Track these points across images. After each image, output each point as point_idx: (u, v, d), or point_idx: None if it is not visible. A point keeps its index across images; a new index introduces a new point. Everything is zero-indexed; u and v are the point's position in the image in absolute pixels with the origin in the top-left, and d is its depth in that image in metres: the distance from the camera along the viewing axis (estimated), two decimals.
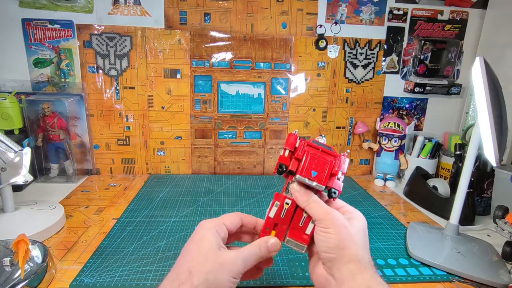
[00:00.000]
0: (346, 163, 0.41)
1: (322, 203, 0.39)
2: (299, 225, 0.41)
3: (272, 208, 0.41)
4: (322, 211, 0.38)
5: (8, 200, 0.67)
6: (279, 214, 0.41)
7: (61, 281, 0.54)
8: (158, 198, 0.86)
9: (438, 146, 1.00)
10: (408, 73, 1.07)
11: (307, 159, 0.39)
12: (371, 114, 1.09)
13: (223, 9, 0.96)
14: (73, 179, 0.96)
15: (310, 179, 0.39)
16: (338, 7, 1.00)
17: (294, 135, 0.41)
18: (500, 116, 0.57)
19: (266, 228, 0.41)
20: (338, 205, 0.42)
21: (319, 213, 0.38)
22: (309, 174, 0.39)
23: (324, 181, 0.39)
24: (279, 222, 0.41)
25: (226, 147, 1.06)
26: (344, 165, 0.41)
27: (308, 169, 0.39)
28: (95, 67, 0.96)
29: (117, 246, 0.64)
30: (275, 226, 0.41)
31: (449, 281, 0.59)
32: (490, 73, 0.58)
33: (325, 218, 0.37)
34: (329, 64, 1.04)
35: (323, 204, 0.39)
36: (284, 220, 0.41)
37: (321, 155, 0.39)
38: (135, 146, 1.02)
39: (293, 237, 0.41)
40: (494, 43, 1.00)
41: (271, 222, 0.41)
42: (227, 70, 1.00)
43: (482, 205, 0.87)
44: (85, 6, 0.92)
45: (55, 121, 0.91)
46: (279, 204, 0.41)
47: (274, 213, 0.41)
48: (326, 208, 0.39)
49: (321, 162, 0.39)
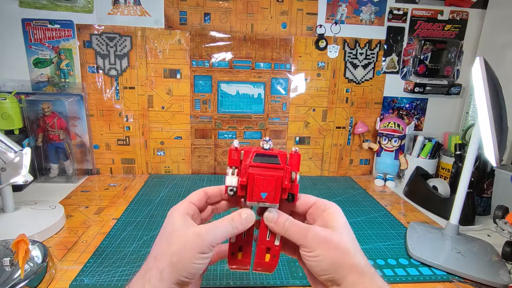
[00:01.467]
0: (298, 160, 0.38)
1: (298, 224, 0.36)
2: (266, 240, 0.38)
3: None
4: (301, 236, 0.35)
5: (8, 200, 0.67)
6: (240, 237, 0.38)
7: (61, 281, 0.54)
8: (158, 198, 0.86)
9: (438, 146, 1.00)
10: (408, 73, 1.07)
11: (253, 183, 0.36)
12: (371, 114, 1.09)
13: (223, 9, 0.96)
14: (73, 179, 0.96)
15: (261, 202, 0.36)
16: (338, 7, 1.00)
17: (235, 150, 0.38)
18: (500, 116, 0.57)
19: (232, 253, 0.38)
20: (310, 202, 0.39)
21: (299, 239, 0.35)
22: (259, 197, 0.36)
23: (276, 199, 0.36)
24: (243, 244, 0.38)
25: (226, 147, 1.06)
26: (296, 163, 0.37)
27: (257, 191, 0.36)
28: (95, 67, 0.96)
29: (117, 246, 0.64)
30: (240, 248, 0.38)
31: (449, 281, 0.59)
32: (490, 73, 0.58)
33: (306, 242, 0.35)
34: (329, 64, 1.04)
35: (300, 225, 0.36)
36: (247, 239, 0.38)
37: (267, 174, 0.36)
38: (135, 146, 1.02)
39: (259, 265, 0.38)
40: (494, 43, 1.00)
41: (235, 246, 0.38)
42: (227, 70, 1.00)
43: (482, 205, 0.87)
44: (85, 6, 0.92)
45: (55, 121, 0.91)
46: None
47: (235, 237, 0.38)
48: (305, 230, 0.35)
49: (268, 181, 0.36)
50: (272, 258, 0.38)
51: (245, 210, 0.37)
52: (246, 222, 0.36)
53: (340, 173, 1.13)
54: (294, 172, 0.37)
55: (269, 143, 0.38)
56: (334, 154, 1.11)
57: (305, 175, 1.10)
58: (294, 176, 0.37)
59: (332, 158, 1.11)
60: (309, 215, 0.39)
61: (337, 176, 1.12)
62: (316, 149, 1.10)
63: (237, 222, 0.36)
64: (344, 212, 0.38)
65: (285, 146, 1.08)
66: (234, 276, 0.56)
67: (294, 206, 0.40)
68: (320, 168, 1.12)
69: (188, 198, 0.39)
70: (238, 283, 0.55)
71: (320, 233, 0.35)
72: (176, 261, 0.33)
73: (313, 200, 0.40)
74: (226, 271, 0.57)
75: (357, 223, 0.77)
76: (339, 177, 1.10)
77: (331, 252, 0.34)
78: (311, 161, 1.11)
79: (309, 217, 0.39)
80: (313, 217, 0.38)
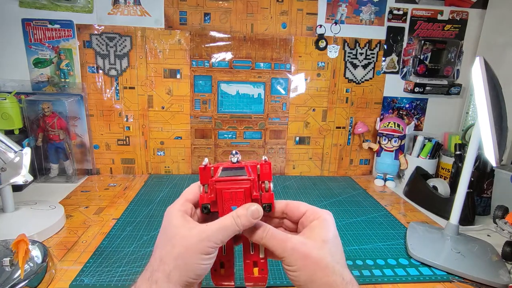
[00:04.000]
0: (269, 169, 0.37)
1: (279, 235, 0.35)
2: (249, 254, 0.37)
3: None
4: (280, 247, 0.34)
5: (8, 200, 0.67)
6: (221, 253, 0.37)
7: (61, 281, 0.54)
8: (158, 198, 0.86)
9: (438, 146, 1.00)
10: (408, 73, 1.07)
11: (221, 198, 0.36)
12: (371, 114, 1.09)
13: (223, 9, 0.96)
14: (73, 179, 0.96)
15: None
16: (338, 7, 1.00)
17: (203, 168, 0.37)
18: (500, 116, 0.57)
19: (214, 269, 0.38)
20: (302, 211, 0.38)
21: (278, 250, 0.34)
22: (230, 211, 0.35)
23: None
24: (224, 260, 0.38)
25: (226, 147, 1.06)
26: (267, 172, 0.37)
27: (227, 206, 0.36)
28: (95, 67, 0.96)
29: (117, 246, 0.64)
30: (223, 265, 0.38)
31: (449, 281, 0.59)
32: (490, 73, 0.58)
33: (285, 255, 0.34)
34: (329, 64, 1.04)
35: (280, 236, 0.35)
36: (228, 254, 0.38)
37: (233, 187, 0.35)
38: (135, 146, 1.02)
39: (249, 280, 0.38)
40: (494, 43, 1.00)
41: (216, 263, 0.37)
42: (227, 70, 1.00)
43: (482, 205, 0.87)
44: (85, 6, 0.92)
45: (55, 121, 0.92)
46: None
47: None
48: (284, 241, 0.34)
49: (236, 194, 0.35)
50: (261, 271, 0.37)
51: (251, 204, 0.35)
52: (252, 216, 0.34)
53: (340, 173, 1.13)
54: (266, 181, 0.37)
55: (237, 156, 0.38)
56: (334, 154, 1.11)
57: (305, 175, 1.10)
58: (267, 185, 0.37)
59: (332, 158, 1.11)
60: (301, 224, 0.38)
61: (337, 176, 1.12)
62: (316, 149, 1.10)
63: (243, 219, 0.34)
64: (344, 212, 0.38)
65: (285, 146, 1.08)
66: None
67: (286, 215, 0.39)
68: (320, 168, 1.12)
69: (184, 196, 0.38)
70: (238, 283, 0.55)
71: (299, 247, 0.34)
72: (182, 264, 0.33)
73: (305, 208, 0.38)
74: None
75: (357, 223, 0.77)
76: (339, 177, 1.10)
77: (308, 267, 0.33)
78: (311, 161, 1.11)
79: (300, 226, 0.38)
80: (304, 226, 0.37)
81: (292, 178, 1.07)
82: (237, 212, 0.34)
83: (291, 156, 1.09)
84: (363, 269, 0.60)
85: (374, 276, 0.59)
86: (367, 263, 0.62)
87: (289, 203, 0.39)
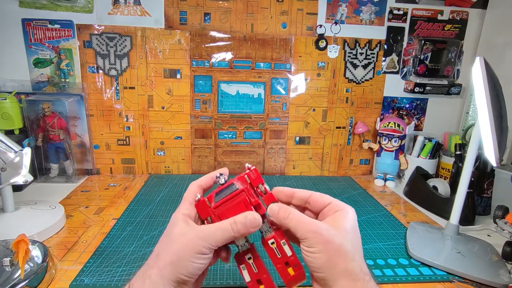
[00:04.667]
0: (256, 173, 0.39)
1: (303, 217, 0.36)
2: (278, 258, 0.37)
3: (243, 273, 0.38)
4: (303, 229, 0.35)
5: (8, 200, 0.67)
6: (252, 272, 0.38)
7: (61, 281, 0.54)
8: (158, 198, 0.86)
9: (438, 146, 1.00)
10: (408, 73, 1.07)
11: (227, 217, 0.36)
12: (371, 114, 1.09)
13: (223, 9, 0.96)
14: (73, 179, 0.96)
15: None
16: (338, 7, 1.00)
17: (198, 202, 0.38)
18: (500, 116, 0.57)
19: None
20: (326, 202, 0.39)
21: (301, 231, 0.35)
22: None
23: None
24: (258, 276, 0.38)
25: (226, 147, 1.06)
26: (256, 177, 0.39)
27: None
28: (95, 67, 0.96)
29: (117, 246, 0.64)
30: (260, 282, 0.38)
31: (449, 281, 0.59)
32: (490, 73, 0.58)
33: (308, 236, 0.34)
34: (329, 64, 1.04)
35: (304, 218, 0.36)
36: (260, 270, 0.38)
37: (232, 204, 0.37)
38: (135, 146, 1.02)
39: (289, 282, 0.38)
40: (494, 43, 1.00)
41: (254, 283, 0.38)
42: (227, 70, 1.00)
43: (482, 205, 0.87)
44: (85, 6, 0.92)
45: (55, 121, 0.92)
46: (245, 265, 0.38)
47: (248, 275, 0.38)
48: (308, 224, 0.35)
49: (237, 208, 0.37)
50: (295, 267, 0.37)
51: (250, 212, 0.36)
52: (250, 225, 0.35)
53: (340, 173, 1.13)
54: (260, 184, 0.38)
55: (223, 177, 0.39)
56: (334, 154, 1.11)
57: (305, 175, 1.10)
58: (262, 188, 0.38)
59: (332, 158, 1.11)
60: (322, 215, 0.39)
61: (337, 176, 1.12)
62: (316, 149, 1.10)
63: (239, 226, 0.35)
64: None
65: (285, 146, 1.08)
66: (234, 276, 0.56)
67: (309, 204, 0.40)
68: (320, 168, 1.12)
69: (186, 200, 0.39)
70: (238, 283, 0.55)
71: (322, 231, 0.35)
72: (176, 260, 0.34)
73: (329, 200, 0.39)
74: (226, 271, 0.57)
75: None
76: (339, 177, 1.10)
77: (329, 252, 0.34)
78: (311, 161, 1.11)
79: (321, 217, 0.39)
80: (325, 217, 0.38)
81: (292, 178, 1.07)
82: (235, 218, 0.36)
83: (291, 156, 1.09)
84: None
85: (374, 276, 0.59)
86: (367, 263, 0.61)
87: (313, 194, 0.40)
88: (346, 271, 0.33)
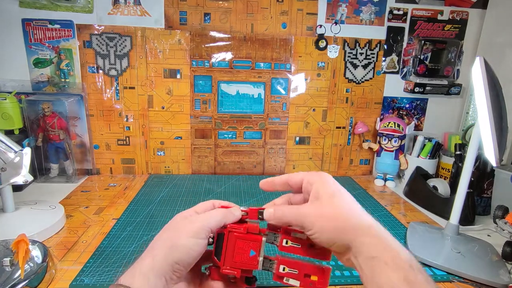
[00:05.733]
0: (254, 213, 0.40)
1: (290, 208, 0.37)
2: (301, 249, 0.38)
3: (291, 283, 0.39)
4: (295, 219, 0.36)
5: (8, 200, 0.67)
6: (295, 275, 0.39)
7: (61, 281, 0.54)
8: (158, 198, 0.86)
9: (438, 146, 1.00)
10: (408, 73, 1.07)
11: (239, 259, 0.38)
12: (371, 114, 1.09)
13: (223, 9, 0.96)
14: (73, 179, 0.96)
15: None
16: (338, 7, 1.00)
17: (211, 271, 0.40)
18: (500, 116, 0.57)
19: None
20: (300, 180, 0.39)
21: (295, 221, 0.36)
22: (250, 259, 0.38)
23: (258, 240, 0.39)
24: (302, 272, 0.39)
25: (226, 147, 1.06)
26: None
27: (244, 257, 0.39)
28: (95, 67, 0.96)
29: (117, 246, 0.64)
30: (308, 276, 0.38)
31: (449, 281, 0.59)
32: (490, 73, 0.58)
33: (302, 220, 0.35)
34: (329, 64, 1.04)
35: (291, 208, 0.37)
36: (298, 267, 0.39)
37: (232, 249, 0.38)
38: (135, 146, 1.02)
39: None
40: (494, 43, 1.00)
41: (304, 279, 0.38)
42: (227, 70, 1.00)
43: (482, 205, 0.87)
44: (85, 6, 0.92)
45: (55, 121, 0.92)
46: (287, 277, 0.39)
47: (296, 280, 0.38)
48: (297, 211, 0.36)
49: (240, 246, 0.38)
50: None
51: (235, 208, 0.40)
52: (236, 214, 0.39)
53: (340, 173, 1.13)
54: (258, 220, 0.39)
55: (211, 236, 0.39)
56: (334, 154, 1.11)
57: None
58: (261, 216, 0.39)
59: (332, 158, 1.11)
60: (306, 193, 0.39)
61: (337, 176, 1.12)
62: (316, 149, 1.10)
63: (227, 213, 0.39)
64: None
65: (285, 146, 1.08)
66: None
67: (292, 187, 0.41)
68: (320, 168, 1.12)
69: (194, 208, 0.40)
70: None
71: (309, 210, 0.35)
72: (169, 245, 0.35)
73: (301, 176, 0.39)
74: None
75: None
76: (339, 177, 1.10)
77: (325, 225, 0.34)
78: (311, 161, 1.11)
79: (304, 194, 0.39)
80: (308, 192, 0.38)
81: None
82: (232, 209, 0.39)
83: (291, 156, 1.09)
84: None
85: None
86: None
87: (289, 176, 0.41)
88: (346, 230, 0.33)
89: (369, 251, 0.32)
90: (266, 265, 0.39)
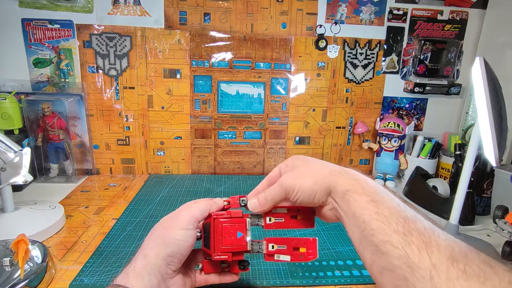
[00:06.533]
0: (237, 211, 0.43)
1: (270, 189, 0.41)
2: (283, 222, 0.42)
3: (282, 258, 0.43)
4: (278, 192, 0.40)
5: (8, 200, 0.67)
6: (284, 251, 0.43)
7: (61, 281, 0.54)
8: (158, 198, 0.86)
9: (438, 146, 1.00)
10: (408, 73, 1.07)
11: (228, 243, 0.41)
12: (371, 114, 1.09)
13: (223, 9, 0.96)
14: (73, 179, 0.96)
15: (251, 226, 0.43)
16: (338, 7, 1.00)
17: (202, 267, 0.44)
18: (500, 116, 0.57)
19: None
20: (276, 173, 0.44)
21: (279, 194, 0.40)
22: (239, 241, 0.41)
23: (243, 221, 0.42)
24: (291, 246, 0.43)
25: (226, 147, 1.06)
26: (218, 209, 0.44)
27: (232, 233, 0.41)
28: (95, 67, 0.96)
29: (117, 246, 0.64)
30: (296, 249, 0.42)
31: None
32: (490, 73, 0.58)
33: (283, 188, 0.39)
34: (329, 64, 1.04)
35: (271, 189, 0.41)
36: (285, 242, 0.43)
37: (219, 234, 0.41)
38: (135, 146, 1.02)
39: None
40: (494, 43, 1.00)
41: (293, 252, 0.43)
42: (227, 70, 1.00)
43: (482, 205, 0.87)
44: (85, 6, 0.92)
45: (55, 121, 0.91)
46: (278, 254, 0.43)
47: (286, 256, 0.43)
48: (276, 185, 0.40)
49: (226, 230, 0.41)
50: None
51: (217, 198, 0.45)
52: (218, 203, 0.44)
53: None
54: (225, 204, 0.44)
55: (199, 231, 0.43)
56: (334, 154, 1.11)
57: None
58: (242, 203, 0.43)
59: (332, 158, 1.11)
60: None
61: None
62: (316, 149, 1.10)
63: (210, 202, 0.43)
64: None
65: (285, 146, 1.08)
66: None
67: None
68: None
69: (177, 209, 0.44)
70: (238, 282, 0.55)
71: (285, 177, 0.40)
72: (160, 242, 0.38)
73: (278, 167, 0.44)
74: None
75: None
76: None
77: (305, 178, 0.38)
78: None
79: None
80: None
81: None
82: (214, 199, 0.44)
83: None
84: (363, 269, 0.60)
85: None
86: None
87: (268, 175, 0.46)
88: (329, 173, 0.37)
89: (343, 186, 0.36)
90: (256, 248, 0.42)
